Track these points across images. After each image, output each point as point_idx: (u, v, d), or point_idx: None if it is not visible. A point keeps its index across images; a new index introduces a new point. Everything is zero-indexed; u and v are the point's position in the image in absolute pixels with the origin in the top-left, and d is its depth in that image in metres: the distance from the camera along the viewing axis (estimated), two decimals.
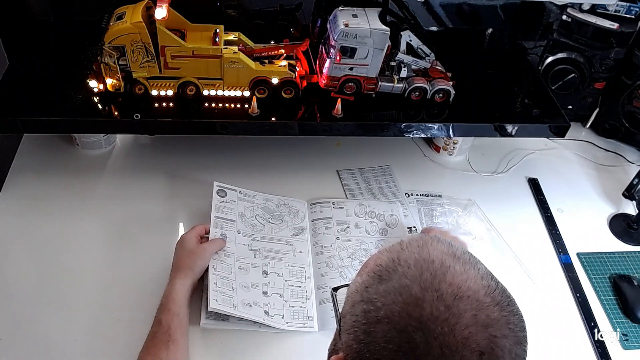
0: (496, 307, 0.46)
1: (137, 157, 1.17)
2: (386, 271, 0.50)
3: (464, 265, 0.49)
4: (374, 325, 0.47)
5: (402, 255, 0.51)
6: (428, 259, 0.49)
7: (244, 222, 1.02)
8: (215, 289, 0.89)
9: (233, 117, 1.02)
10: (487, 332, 0.45)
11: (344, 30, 0.97)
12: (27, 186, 1.08)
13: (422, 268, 0.48)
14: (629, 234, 1.14)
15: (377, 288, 0.49)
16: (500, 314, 0.46)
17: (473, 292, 0.46)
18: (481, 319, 0.45)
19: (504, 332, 0.46)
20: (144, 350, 0.80)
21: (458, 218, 1.12)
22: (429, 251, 0.50)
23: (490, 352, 0.45)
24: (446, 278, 0.47)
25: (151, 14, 0.96)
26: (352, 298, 0.52)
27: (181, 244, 0.93)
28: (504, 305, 0.47)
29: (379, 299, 0.48)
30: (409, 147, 1.28)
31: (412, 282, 0.47)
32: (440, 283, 0.47)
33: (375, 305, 0.48)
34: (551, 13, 1.20)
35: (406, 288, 0.47)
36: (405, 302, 0.46)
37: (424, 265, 0.48)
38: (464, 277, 0.47)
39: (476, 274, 0.48)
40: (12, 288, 0.93)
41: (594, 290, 1.03)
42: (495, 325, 0.45)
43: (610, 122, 1.31)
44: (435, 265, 0.48)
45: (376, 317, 0.47)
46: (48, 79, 1.05)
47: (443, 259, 0.49)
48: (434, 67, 1.09)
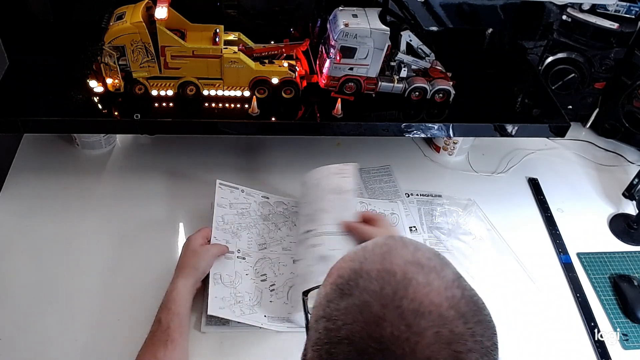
0: (460, 319, 0.45)
1: (137, 157, 1.17)
2: (347, 285, 0.48)
3: (428, 275, 0.47)
4: (335, 346, 0.46)
5: (364, 265, 0.49)
6: (390, 270, 0.48)
7: (245, 221, 1.01)
8: (215, 294, 0.89)
9: (233, 117, 1.02)
10: (450, 349, 0.44)
11: (344, 30, 0.97)
12: (27, 186, 1.08)
13: (384, 281, 0.47)
14: (629, 234, 1.14)
15: (338, 304, 0.48)
16: (464, 327, 0.45)
17: (435, 307, 0.45)
18: (444, 335, 0.44)
19: (470, 347, 0.44)
20: (143, 349, 0.80)
21: (458, 218, 1.12)
22: (391, 261, 0.49)
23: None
24: (408, 293, 0.46)
25: (151, 14, 0.96)
26: (316, 311, 0.51)
27: (186, 245, 0.93)
28: (469, 316, 0.46)
29: (339, 317, 0.47)
30: (409, 147, 1.28)
31: (372, 298, 0.46)
32: (401, 299, 0.45)
33: (337, 324, 0.47)
34: (551, 13, 1.20)
35: (367, 305, 0.46)
36: (365, 321, 0.45)
37: (386, 277, 0.47)
38: (427, 290, 0.46)
39: (440, 284, 0.47)
40: (12, 288, 0.93)
41: (594, 290, 1.03)
42: (459, 341, 0.44)
43: (610, 122, 1.31)
44: (397, 277, 0.47)
45: (337, 337, 0.46)
46: (48, 79, 1.04)
47: (406, 269, 0.47)
48: (434, 67, 1.09)
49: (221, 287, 0.90)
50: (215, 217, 0.99)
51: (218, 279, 0.91)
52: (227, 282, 0.91)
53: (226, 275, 0.92)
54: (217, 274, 0.92)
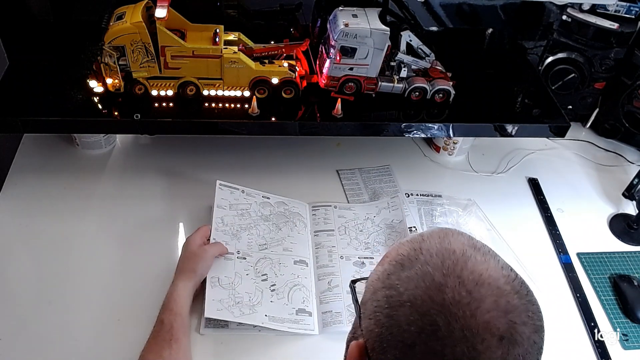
0: (516, 295, 0.48)
1: (137, 157, 1.17)
2: (408, 259, 0.51)
3: (485, 256, 0.50)
4: (396, 309, 0.48)
5: (423, 245, 0.52)
6: (449, 248, 0.50)
7: (245, 222, 1.01)
8: (212, 297, 0.89)
9: (233, 117, 1.02)
10: (507, 318, 0.46)
11: (344, 30, 0.97)
12: (27, 186, 1.08)
13: (444, 256, 0.49)
14: (629, 234, 1.14)
15: (400, 275, 0.50)
16: (519, 301, 0.47)
17: (494, 280, 0.48)
18: (502, 304, 0.46)
19: (523, 319, 0.47)
20: (147, 349, 0.80)
21: (458, 218, 1.12)
22: (450, 241, 0.51)
23: (510, 337, 0.45)
24: (467, 266, 0.48)
25: (151, 14, 0.96)
26: (373, 286, 0.53)
27: (185, 246, 0.93)
28: (522, 294, 0.48)
29: (401, 285, 0.49)
30: (409, 147, 1.28)
31: (434, 269, 0.48)
32: (462, 270, 0.48)
33: (398, 290, 0.49)
34: (551, 13, 1.20)
35: (428, 274, 0.48)
36: (427, 287, 0.47)
37: (446, 254, 0.50)
38: (485, 266, 0.49)
39: (496, 264, 0.50)
40: (12, 288, 0.93)
41: (594, 290, 1.03)
42: (515, 312, 0.46)
43: (610, 122, 1.31)
44: (456, 254, 0.50)
45: (399, 301, 0.48)
46: (48, 79, 1.04)
47: (464, 249, 0.50)
48: (434, 67, 1.09)
49: (219, 289, 0.90)
50: (215, 219, 0.99)
51: (215, 282, 0.91)
52: (226, 284, 0.91)
53: (225, 277, 0.92)
54: (214, 277, 0.91)
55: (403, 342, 0.47)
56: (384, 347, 0.48)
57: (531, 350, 0.47)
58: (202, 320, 0.89)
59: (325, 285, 0.96)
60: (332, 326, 0.90)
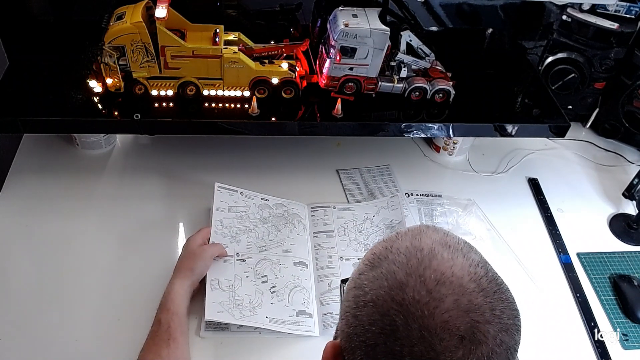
0: (480, 293, 0.47)
1: (137, 157, 1.17)
2: (378, 258, 0.51)
3: (453, 253, 0.50)
4: (361, 309, 0.48)
5: (395, 244, 0.52)
6: (418, 246, 0.50)
7: (244, 224, 1.01)
8: (212, 299, 0.88)
9: (233, 117, 1.02)
10: (469, 317, 0.45)
11: (344, 30, 0.97)
12: (27, 186, 1.08)
13: (410, 255, 0.50)
14: (629, 234, 1.14)
15: (368, 275, 0.50)
16: (484, 300, 0.47)
17: (457, 278, 0.47)
18: (463, 304, 0.46)
19: (487, 318, 0.46)
20: (145, 349, 0.80)
21: (458, 218, 1.12)
22: (420, 239, 0.51)
23: (472, 337, 0.45)
24: (432, 264, 0.48)
25: (151, 14, 0.96)
26: (348, 285, 0.54)
27: (186, 245, 0.93)
28: (489, 292, 0.47)
29: (367, 284, 0.49)
30: (409, 147, 1.27)
31: (399, 268, 0.49)
32: (425, 269, 0.48)
33: (364, 290, 0.49)
34: (551, 13, 1.20)
35: (392, 274, 0.48)
36: (390, 286, 0.48)
37: (413, 252, 0.50)
38: (449, 264, 0.48)
39: (464, 262, 0.49)
40: (12, 288, 0.93)
41: (594, 290, 1.03)
42: (478, 311, 0.46)
43: (610, 122, 1.31)
44: (423, 252, 0.49)
45: (363, 301, 0.49)
46: (48, 79, 1.04)
47: (433, 247, 0.50)
48: (434, 67, 1.09)
49: (219, 292, 0.90)
50: (214, 222, 0.99)
51: (216, 285, 0.91)
52: (226, 286, 0.91)
53: (225, 280, 0.92)
54: (214, 280, 0.91)
55: (366, 343, 0.47)
56: (352, 347, 0.49)
57: (498, 350, 0.46)
58: (203, 323, 0.89)
59: (325, 287, 0.96)
60: (333, 327, 0.90)
